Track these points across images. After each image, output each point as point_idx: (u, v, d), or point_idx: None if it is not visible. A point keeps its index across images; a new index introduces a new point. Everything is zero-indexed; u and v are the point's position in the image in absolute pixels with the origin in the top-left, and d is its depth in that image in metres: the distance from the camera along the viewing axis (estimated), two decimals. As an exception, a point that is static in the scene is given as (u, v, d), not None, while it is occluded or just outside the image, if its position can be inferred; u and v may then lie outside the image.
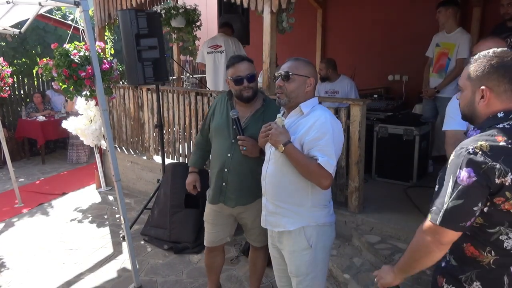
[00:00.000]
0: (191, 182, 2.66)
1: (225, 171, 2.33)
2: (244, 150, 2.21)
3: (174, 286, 3.12)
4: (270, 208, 1.98)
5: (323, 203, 1.93)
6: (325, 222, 1.94)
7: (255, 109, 2.34)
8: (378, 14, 5.75)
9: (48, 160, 7.12)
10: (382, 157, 4.08)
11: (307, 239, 1.90)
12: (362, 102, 3.16)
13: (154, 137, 4.89)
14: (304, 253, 1.92)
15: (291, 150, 1.79)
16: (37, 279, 3.27)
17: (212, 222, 2.53)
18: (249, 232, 2.52)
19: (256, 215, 2.39)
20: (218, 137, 2.39)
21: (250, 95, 2.29)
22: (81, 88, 2.93)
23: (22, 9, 3.57)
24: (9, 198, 5.13)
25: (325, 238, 1.96)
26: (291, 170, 1.85)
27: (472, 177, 1.18)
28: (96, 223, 4.36)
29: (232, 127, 2.31)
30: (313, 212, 1.89)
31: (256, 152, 2.22)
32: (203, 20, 5.45)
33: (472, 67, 1.31)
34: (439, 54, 3.98)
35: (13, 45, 7.49)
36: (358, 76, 5.18)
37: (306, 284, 1.95)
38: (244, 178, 2.32)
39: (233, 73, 2.29)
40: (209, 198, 2.48)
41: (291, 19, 3.46)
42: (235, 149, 2.30)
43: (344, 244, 3.24)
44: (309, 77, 1.89)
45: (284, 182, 1.90)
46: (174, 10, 4.95)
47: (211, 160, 2.49)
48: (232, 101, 2.38)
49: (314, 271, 1.95)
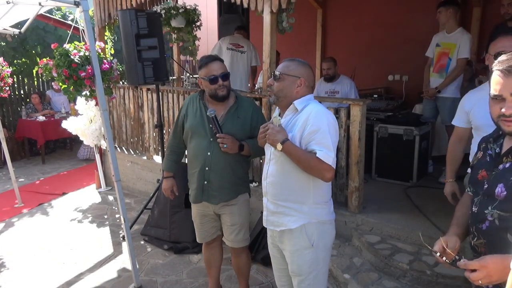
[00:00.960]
0: (169, 187, 2.70)
1: (206, 169, 2.38)
2: (225, 148, 2.26)
3: (174, 286, 3.12)
4: (271, 208, 1.99)
5: (325, 199, 1.95)
6: (327, 220, 1.96)
7: (229, 106, 2.39)
8: (378, 14, 5.76)
9: (48, 160, 7.12)
10: (382, 157, 4.08)
11: (308, 238, 1.91)
12: (362, 102, 3.16)
13: (154, 137, 4.89)
14: (306, 252, 1.93)
15: (290, 147, 1.81)
16: (37, 279, 3.27)
17: (200, 222, 2.59)
18: (228, 230, 2.52)
19: (236, 211, 2.45)
20: (195, 137, 2.41)
21: (225, 93, 2.33)
22: (81, 88, 2.93)
23: (22, 9, 3.57)
24: (9, 198, 5.13)
25: (326, 236, 1.96)
26: (292, 168, 1.86)
27: None
28: (96, 223, 4.36)
29: (209, 126, 2.35)
30: (315, 209, 1.91)
31: (235, 148, 2.29)
32: (203, 20, 5.45)
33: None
34: (439, 54, 3.97)
35: (13, 45, 7.50)
36: (358, 76, 5.18)
37: (308, 283, 1.96)
38: (225, 174, 2.37)
39: (207, 73, 2.32)
40: (192, 198, 2.52)
41: (291, 19, 3.46)
42: (214, 147, 2.34)
43: (344, 244, 3.24)
44: (300, 77, 1.90)
45: (286, 181, 1.91)
46: (174, 10, 4.95)
47: (189, 160, 2.50)
48: (204, 101, 2.42)
49: (316, 269, 1.95)
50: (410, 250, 2.89)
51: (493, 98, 1.26)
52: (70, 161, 7.11)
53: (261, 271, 3.24)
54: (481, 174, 1.38)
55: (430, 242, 1.40)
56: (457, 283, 2.55)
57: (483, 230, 1.31)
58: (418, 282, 2.65)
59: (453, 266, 1.25)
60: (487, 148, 1.43)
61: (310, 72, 1.96)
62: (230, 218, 2.47)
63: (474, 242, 1.37)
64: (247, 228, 2.56)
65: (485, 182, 1.34)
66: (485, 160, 1.40)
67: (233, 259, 2.72)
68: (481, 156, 1.45)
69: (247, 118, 2.39)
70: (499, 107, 1.24)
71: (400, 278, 2.72)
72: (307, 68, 1.95)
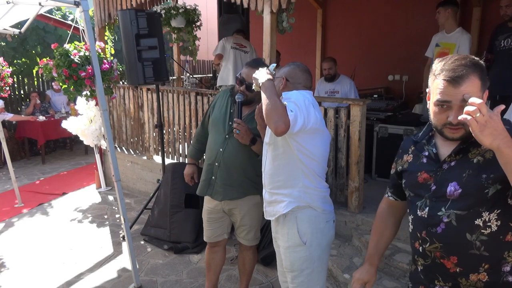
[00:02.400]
0: (190, 173, 2.77)
1: (216, 165, 2.40)
2: (237, 134, 2.25)
3: (174, 286, 3.12)
4: (267, 198, 2.04)
5: (315, 185, 1.94)
6: (318, 206, 1.94)
7: (253, 109, 2.39)
8: (378, 14, 5.76)
9: (48, 160, 7.12)
10: (382, 157, 4.08)
11: (300, 236, 1.92)
12: (362, 102, 3.16)
13: (154, 137, 4.89)
14: (298, 249, 1.94)
15: (267, 85, 1.79)
16: (37, 279, 3.27)
17: (208, 219, 2.59)
18: (238, 229, 2.56)
19: (245, 212, 2.45)
20: (214, 131, 2.46)
21: (241, 100, 2.31)
22: (81, 88, 2.92)
23: (22, 9, 3.57)
24: (9, 198, 5.13)
25: (320, 235, 1.96)
26: (280, 153, 1.91)
27: None
28: (96, 223, 4.36)
29: (228, 123, 2.37)
30: (305, 193, 1.91)
31: (247, 139, 2.27)
32: (203, 20, 5.45)
33: None
34: (439, 54, 3.97)
35: (13, 45, 7.49)
36: (358, 76, 5.18)
37: (302, 280, 1.97)
38: (234, 173, 2.38)
39: (243, 73, 2.34)
40: (198, 188, 2.55)
41: (291, 19, 3.46)
42: (227, 144, 2.36)
43: (344, 244, 3.24)
44: (282, 77, 2.00)
45: (276, 168, 1.95)
46: (174, 10, 4.95)
47: (206, 152, 2.55)
48: (233, 98, 2.43)
49: (310, 267, 1.96)
50: (410, 250, 2.89)
51: (438, 105, 1.22)
52: (70, 161, 7.11)
53: (261, 271, 3.24)
54: (421, 177, 1.33)
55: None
56: (457, 283, 2.55)
57: (438, 233, 1.27)
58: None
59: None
60: (420, 150, 1.38)
61: (293, 71, 2.02)
62: (240, 218, 2.48)
63: (427, 247, 1.31)
64: (257, 228, 2.57)
65: (431, 184, 1.30)
66: (421, 162, 1.36)
67: (240, 253, 2.73)
68: (412, 159, 1.40)
69: None
70: (446, 115, 1.21)
71: (400, 278, 2.72)
72: (292, 68, 2.03)
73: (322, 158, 1.96)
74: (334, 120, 3.27)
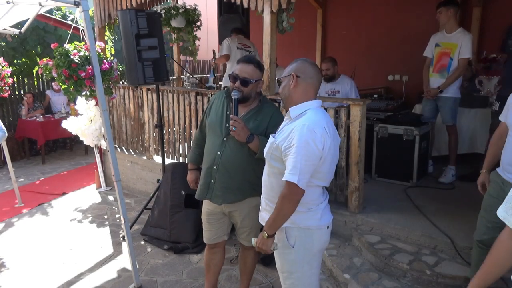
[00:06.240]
0: (193, 179, 2.72)
1: (214, 168, 2.37)
2: (233, 131, 2.23)
3: (174, 286, 3.12)
4: (263, 204, 2.05)
5: (308, 206, 1.87)
6: (308, 226, 1.88)
7: (250, 108, 2.39)
8: (378, 14, 5.76)
9: (48, 160, 7.12)
10: (382, 157, 4.08)
11: (288, 239, 1.89)
12: (362, 102, 3.15)
13: (154, 137, 4.89)
14: (286, 252, 1.92)
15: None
16: (37, 279, 3.27)
17: (207, 221, 2.57)
18: (239, 230, 2.55)
19: (245, 214, 2.44)
20: (211, 134, 2.43)
21: (238, 97, 2.28)
22: (81, 88, 2.92)
23: (22, 9, 3.57)
24: (9, 198, 5.13)
25: (309, 240, 1.90)
26: (275, 171, 1.88)
27: None
28: (96, 223, 4.36)
29: (225, 126, 2.34)
30: (295, 214, 1.83)
31: (243, 136, 2.24)
32: (203, 20, 5.45)
33: None
34: (439, 54, 3.97)
35: (13, 45, 7.49)
36: (358, 76, 5.18)
37: (291, 282, 1.96)
38: (233, 176, 2.35)
39: (236, 69, 2.33)
40: (197, 193, 2.53)
41: (291, 19, 3.46)
42: (225, 147, 2.34)
43: (344, 244, 3.24)
44: (291, 74, 1.89)
45: (270, 182, 1.93)
46: (174, 10, 4.95)
47: (204, 156, 2.52)
48: (229, 99, 2.41)
49: (300, 271, 1.93)
50: (410, 250, 2.89)
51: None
52: (70, 161, 7.11)
53: (261, 271, 3.24)
54: None
55: (430, 242, 1.39)
56: (457, 283, 2.55)
57: None
58: (418, 282, 2.65)
59: None
60: None
61: (302, 65, 1.89)
62: (241, 220, 2.46)
63: None
64: (258, 229, 2.55)
65: None
66: None
67: (241, 253, 2.72)
68: None
69: (263, 122, 2.37)
70: None
71: (400, 278, 2.72)
72: (299, 63, 1.90)
73: (324, 178, 1.87)
74: (334, 120, 3.27)
